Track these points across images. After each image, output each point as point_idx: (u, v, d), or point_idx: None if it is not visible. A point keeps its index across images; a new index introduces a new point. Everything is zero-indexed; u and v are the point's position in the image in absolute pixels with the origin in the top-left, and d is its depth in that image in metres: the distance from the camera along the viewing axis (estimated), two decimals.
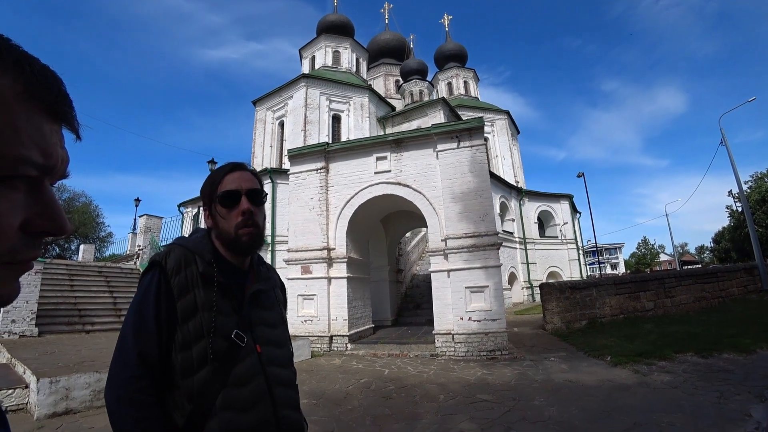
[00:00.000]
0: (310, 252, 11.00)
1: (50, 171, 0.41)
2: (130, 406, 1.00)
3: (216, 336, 1.09)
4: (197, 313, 1.10)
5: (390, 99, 33.56)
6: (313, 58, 31.39)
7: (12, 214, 0.37)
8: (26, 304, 9.22)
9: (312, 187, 11.43)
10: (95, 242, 32.32)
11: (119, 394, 1.01)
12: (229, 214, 1.18)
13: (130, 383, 1.02)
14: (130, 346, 1.05)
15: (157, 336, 1.07)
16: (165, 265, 1.13)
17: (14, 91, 0.37)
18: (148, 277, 1.14)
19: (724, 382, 5.75)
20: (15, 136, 0.37)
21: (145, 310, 1.09)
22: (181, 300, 1.10)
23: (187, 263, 1.14)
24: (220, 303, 1.14)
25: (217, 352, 1.08)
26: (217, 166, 6.51)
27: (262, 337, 1.20)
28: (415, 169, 10.51)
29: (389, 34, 40.59)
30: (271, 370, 1.17)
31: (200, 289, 1.13)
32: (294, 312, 10.69)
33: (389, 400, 5.80)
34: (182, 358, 1.07)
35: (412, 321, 14.50)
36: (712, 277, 14.48)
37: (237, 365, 1.10)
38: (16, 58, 0.38)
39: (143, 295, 1.11)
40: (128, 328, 1.09)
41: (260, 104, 28.86)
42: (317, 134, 24.79)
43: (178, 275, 1.12)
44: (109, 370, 1.07)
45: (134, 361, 1.03)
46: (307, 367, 8.25)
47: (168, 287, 1.11)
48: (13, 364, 6.55)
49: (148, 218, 16.15)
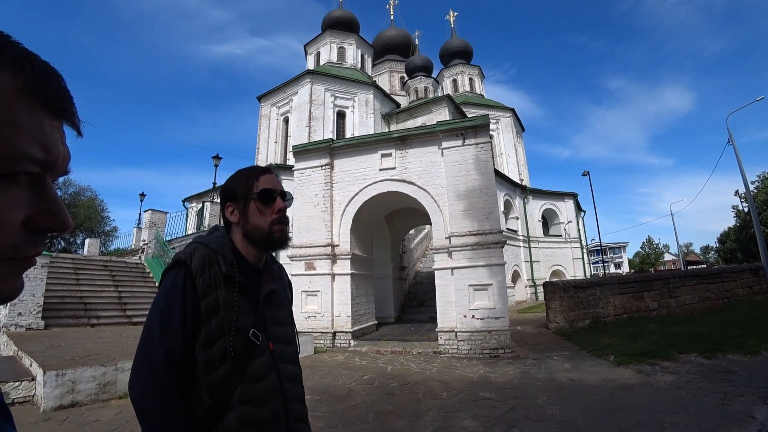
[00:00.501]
0: (314, 248, 11.03)
1: (51, 167, 0.41)
2: (156, 400, 1.04)
3: (236, 334, 1.14)
4: (219, 312, 1.15)
5: (395, 96, 33.48)
6: (318, 54, 31.34)
7: (14, 211, 0.38)
8: (32, 297, 9.30)
9: (316, 184, 11.44)
10: (100, 236, 32.51)
11: (145, 387, 1.06)
12: (265, 210, 1.24)
13: (156, 378, 1.06)
14: (156, 342, 1.08)
15: (183, 333, 1.11)
16: (190, 264, 1.17)
17: (14, 88, 0.37)
18: (173, 274, 1.17)
19: (728, 383, 5.73)
20: (15, 133, 0.37)
21: (171, 308, 1.12)
22: (205, 299, 1.14)
23: (210, 263, 1.18)
24: (240, 302, 1.18)
25: (236, 349, 1.13)
26: (221, 162, 6.52)
27: (275, 335, 1.26)
28: (420, 166, 10.49)
29: (394, 30, 40.43)
30: (282, 366, 1.24)
31: (222, 288, 1.17)
32: (297, 308, 10.73)
33: (392, 397, 5.82)
34: (205, 354, 1.11)
35: (415, 318, 14.53)
36: (717, 277, 14.39)
37: (253, 362, 1.16)
38: (16, 54, 0.38)
39: (169, 292, 1.14)
40: (154, 324, 1.11)
41: (265, 100, 28.86)
42: (322, 130, 24.78)
43: (203, 275, 1.16)
44: (134, 364, 1.10)
45: (161, 357, 1.07)
46: (310, 363, 8.28)
47: (193, 286, 1.14)
48: (20, 357, 6.62)
49: (153, 213, 16.21)
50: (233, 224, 1.28)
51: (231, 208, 1.27)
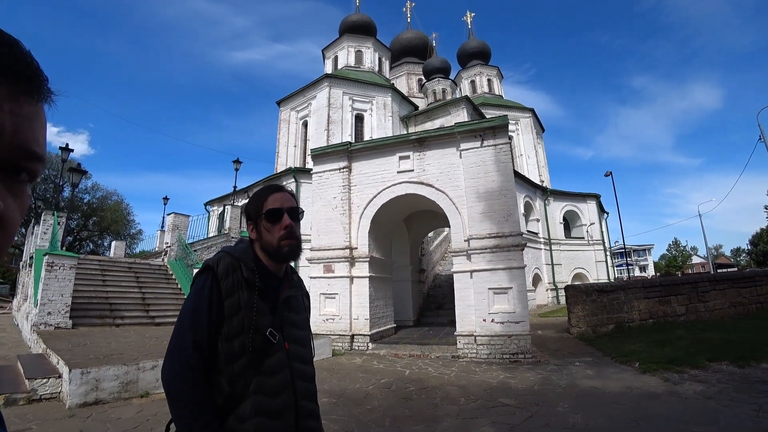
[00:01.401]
0: (332, 251, 11.06)
1: None
2: (185, 383, 1.22)
3: (254, 332, 1.30)
4: (240, 311, 1.31)
5: (413, 98, 33.43)
6: (336, 58, 31.58)
7: None
8: (61, 298, 9.61)
9: (335, 187, 11.49)
10: (126, 239, 33.46)
11: (176, 370, 1.24)
12: (273, 228, 1.40)
13: (185, 363, 1.24)
14: (187, 334, 1.26)
15: (208, 328, 1.28)
16: (216, 269, 1.34)
17: None
18: (203, 278, 1.35)
19: (762, 394, 5.46)
20: None
21: (199, 307, 1.30)
22: (228, 300, 1.31)
23: (233, 269, 1.36)
24: (259, 304, 1.35)
25: (254, 345, 1.29)
26: (241, 166, 6.68)
27: (291, 336, 1.41)
28: (438, 168, 10.42)
29: (411, 32, 40.43)
30: (295, 365, 1.39)
31: (243, 291, 1.34)
32: (316, 310, 10.78)
33: (409, 402, 5.76)
34: (227, 347, 1.28)
35: (433, 321, 14.41)
36: (750, 281, 13.79)
37: (269, 358, 1.32)
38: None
39: (198, 293, 1.33)
40: (186, 319, 1.29)
41: (284, 104, 29.23)
42: (340, 134, 24.93)
43: (227, 279, 1.33)
44: (168, 353, 1.28)
45: (190, 347, 1.25)
46: (328, 365, 8.29)
47: (218, 289, 1.32)
48: (48, 355, 6.83)
49: (176, 216, 16.55)
50: (254, 241, 1.46)
51: (250, 226, 1.46)
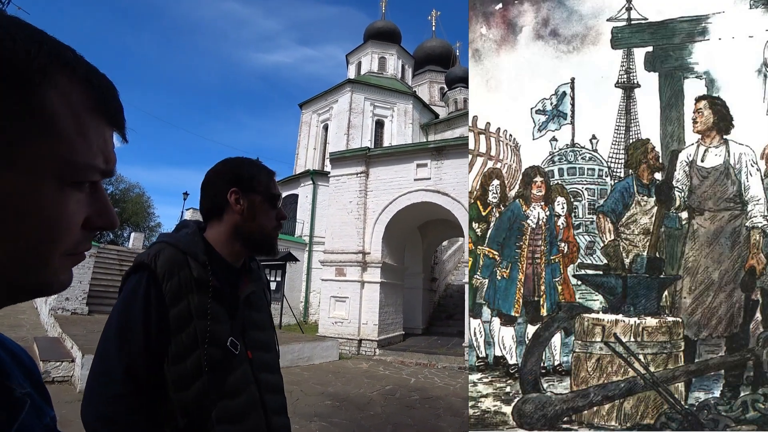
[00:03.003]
0: (345, 255, 11.11)
1: (110, 175, 0.46)
2: (112, 427, 0.91)
3: (210, 345, 1.00)
4: (191, 321, 0.99)
5: (434, 106, 33.48)
6: (359, 63, 31.89)
7: (79, 215, 0.43)
8: (79, 284, 9.89)
9: (351, 191, 11.56)
10: (145, 231, 34.22)
11: (102, 412, 0.93)
12: (270, 213, 1.16)
13: (115, 401, 0.92)
14: (114, 360, 0.94)
15: (146, 349, 0.95)
16: (155, 268, 1.00)
17: (84, 104, 0.41)
18: (134, 280, 1.02)
19: None
20: (87, 146, 0.41)
21: (132, 319, 0.97)
22: (174, 308, 0.99)
23: (179, 266, 1.02)
24: (215, 309, 1.04)
25: (211, 362, 0.99)
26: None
27: (253, 341, 1.14)
28: (455, 177, 10.41)
29: (435, 41, 40.53)
30: (262, 376, 1.12)
31: (194, 294, 1.02)
32: (325, 313, 10.82)
33: (412, 410, 5.73)
34: (175, 370, 0.97)
35: (443, 331, 14.28)
36: None
37: (231, 374, 1.04)
38: (85, 71, 0.42)
39: (128, 301, 0.99)
40: (111, 338, 0.97)
41: (306, 107, 29.61)
42: (360, 138, 25.10)
43: (170, 280, 1.00)
44: (88, 385, 0.96)
45: (120, 376, 0.92)
46: (333, 368, 8.30)
47: (159, 294, 0.99)
48: (63, 339, 7.03)
49: (194, 212, 16.91)
50: (227, 214, 1.12)
51: (236, 195, 1.11)
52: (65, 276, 0.44)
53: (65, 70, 0.40)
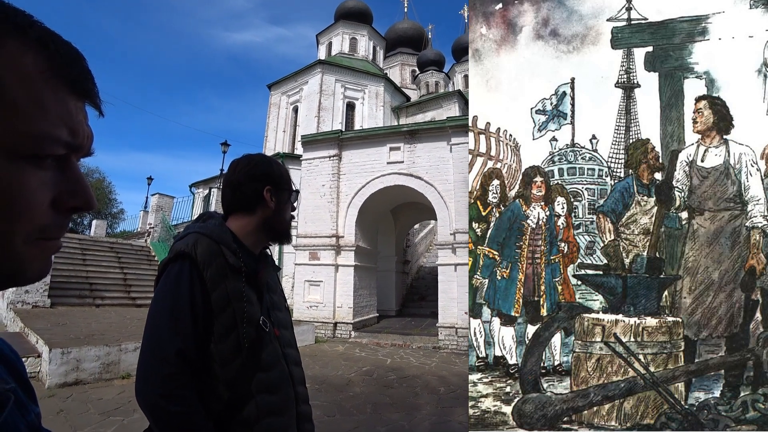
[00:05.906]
0: (318, 239, 11.07)
1: (77, 149, 0.42)
2: (174, 403, 1.00)
3: (248, 325, 1.13)
4: (230, 304, 1.11)
5: (405, 89, 33.29)
6: (330, 44, 31.20)
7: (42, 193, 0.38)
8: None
9: (324, 174, 11.45)
10: (107, 218, 32.81)
11: (160, 392, 1.01)
12: (288, 206, 1.31)
13: (171, 380, 1.01)
14: (167, 343, 1.04)
15: (194, 331, 1.06)
16: (195, 256, 1.11)
17: (38, 69, 0.37)
18: (177, 268, 1.11)
19: None
20: (42, 115, 0.37)
21: (180, 303, 1.07)
22: (215, 292, 1.10)
23: (215, 254, 1.13)
24: (248, 292, 1.16)
25: (249, 340, 1.12)
26: (229, 149, 6.45)
27: (278, 320, 1.26)
28: (428, 161, 10.47)
29: (407, 23, 40.10)
30: (287, 351, 1.25)
31: (229, 280, 1.13)
32: (300, 297, 10.80)
33: (390, 389, 5.86)
34: (219, 348, 1.08)
35: (416, 312, 14.57)
36: None
37: (264, 350, 1.16)
38: (39, 34, 0.38)
39: (175, 288, 1.08)
40: (162, 323, 1.06)
41: (275, 89, 28.81)
42: (331, 121, 24.74)
43: (210, 267, 1.11)
44: (143, 368, 1.05)
45: (173, 358, 1.02)
46: (310, 352, 8.35)
47: (201, 280, 1.09)
48: (26, 333, 6.72)
49: (160, 197, 16.34)
50: (260, 209, 1.25)
51: (270, 193, 1.24)
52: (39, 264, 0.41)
53: (14, 33, 0.36)
